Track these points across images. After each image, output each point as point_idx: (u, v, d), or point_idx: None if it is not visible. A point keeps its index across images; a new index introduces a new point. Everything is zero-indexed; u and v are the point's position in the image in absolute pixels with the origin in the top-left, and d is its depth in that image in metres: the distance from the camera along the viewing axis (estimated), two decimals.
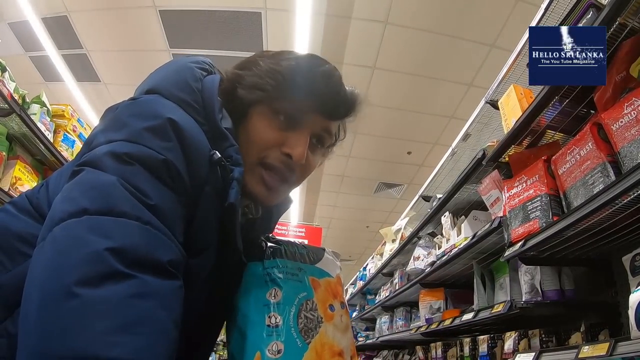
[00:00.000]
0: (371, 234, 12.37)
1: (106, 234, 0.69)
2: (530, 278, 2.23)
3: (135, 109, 0.87)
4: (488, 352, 2.88)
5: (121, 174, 0.76)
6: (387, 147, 7.96)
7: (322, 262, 1.09)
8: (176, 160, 0.82)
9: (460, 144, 3.69)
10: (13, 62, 3.46)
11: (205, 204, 0.88)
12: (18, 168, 2.95)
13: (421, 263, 3.82)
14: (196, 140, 0.87)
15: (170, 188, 0.81)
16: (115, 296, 0.64)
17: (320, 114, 1.02)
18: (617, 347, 1.40)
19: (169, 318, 0.70)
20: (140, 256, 0.70)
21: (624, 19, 1.61)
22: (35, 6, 5.59)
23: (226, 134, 0.94)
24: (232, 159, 0.92)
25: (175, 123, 0.85)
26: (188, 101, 0.93)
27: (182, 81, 0.96)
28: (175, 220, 0.80)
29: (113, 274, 0.66)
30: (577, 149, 1.77)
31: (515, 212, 2.09)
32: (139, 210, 0.74)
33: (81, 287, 0.63)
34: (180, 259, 0.78)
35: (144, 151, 0.80)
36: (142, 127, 0.83)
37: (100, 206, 0.72)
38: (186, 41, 6.09)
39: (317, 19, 5.36)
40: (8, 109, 2.73)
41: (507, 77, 2.73)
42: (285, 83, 0.99)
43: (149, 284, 0.69)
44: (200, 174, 0.87)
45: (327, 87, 1.02)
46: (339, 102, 1.04)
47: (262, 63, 1.02)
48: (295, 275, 1.01)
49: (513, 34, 4.76)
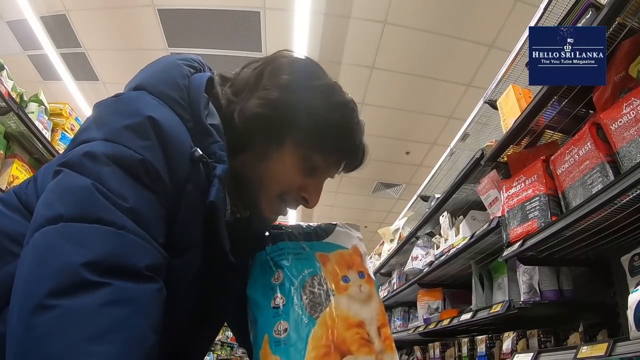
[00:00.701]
0: (369, 233, 12.35)
1: (80, 242, 0.69)
2: (528, 278, 2.23)
3: (117, 107, 0.87)
4: (486, 352, 2.87)
5: (97, 176, 0.75)
6: (386, 147, 7.95)
7: (332, 236, 1.08)
8: (155, 159, 0.81)
9: (459, 144, 3.68)
10: (11, 61, 3.45)
11: (187, 203, 0.86)
12: (15, 167, 2.94)
13: (419, 263, 3.82)
14: (177, 138, 0.86)
15: (148, 188, 0.80)
16: (88, 305, 0.64)
17: (340, 167, 1.09)
18: (615, 347, 1.40)
19: (145, 324, 0.70)
20: (115, 264, 0.69)
21: (623, 18, 1.61)
22: (34, 5, 5.58)
23: (210, 131, 0.92)
24: (216, 155, 0.90)
25: (155, 121, 0.83)
26: (174, 98, 0.92)
27: (169, 78, 0.95)
28: (153, 221, 0.79)
29: (86, 284, 0.66)
30: (576, 149, 1.77)
31: (514, 212, 2.09)
32: (114, 215, 0.73)
33: (55, 298, 0.63)
34: (159, 262, 0.77)
35: (121, 151, 0.79)
36: (122, 126, 0.82)
37: (75, 212, 0.71)
38: (185, 40, 6.08)
39: (316, 19, 5.36)
40: (6, 108, 2.72)
41: (505, 77, 2.73)
42: (334, 142, 1.02)
43: (123, 291, 0.68)
44: (181, 173, 0.85)
45: (357, 148, 1.07)
46: (361, 160, 1.10)
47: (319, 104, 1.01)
48: (299, 254, 1.01)
49: (512, 34, 4.77)
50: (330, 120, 1.00)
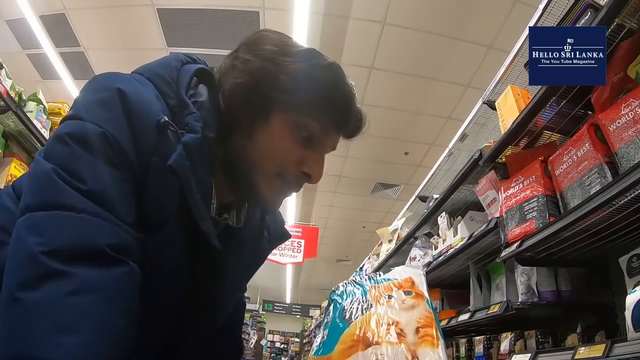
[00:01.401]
0: (368, 234, 12.37)
1: (41, 232, 0.69)
2: (526, 279, 2.23)
3: (92, 84, 0.87)
4: (484, 352, 2.87)
5: (59, 160, 0.75)
6: (384, 148, 7.96)
7: (388, 274, 1.14)
8: (118, 132, 0.80)
9: (457, 144, 3.69)
10: (10, 60, 3.45)
11: (154, 175, 0.83)
12: (14, 165, 2.94)
13: (417, 263, 3.82)
14: (143, 107, 0.84)
15: (111, 164, 0.78)
16: (51, 296, 0.65)
17: (339, 134, 1.02)
18: (613, 348, 1.40)
19: (111, 308, 0.70)
20: (76, 248, 0.70)
21: (622, 19, 1.61)
22: (33, 4, 5.58)
23: (187, 103, 0.90)
24: (189, 125, 0.87)
25: (122, 92, 0.82)
26: (162, 75, 0.92)
27: (164, 61, 0.97)
28: (118, 199, 0.77)
29: (50, 273, 0.66)
30: (574, 150, 1.77)
31: (512, 212, 2.09)
32: (73, 198, 0.73)
33: (22, 291, 0.65)
34: (125, 241, 0.76)
35: (83, 127, 0.78)
36: (91, 100, 0.83)
37: (37, 201, 0.73)
38: (184, 40, 6.09)
39: (314, 19, 5.36)
40: (4, 106, 2.72)
41: (504, 78, 2.73)
42: (321, 101, 0.95)
43: (87, 278, 0.68)
44: (147, 144, 0.83)
45: (351, 109, 1.00)
46: (357, 125, 1.04)
47: (296, 67, 0.95)
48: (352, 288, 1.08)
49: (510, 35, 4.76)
50: (314, 79, 0.95)
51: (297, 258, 9.62)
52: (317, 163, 0.99)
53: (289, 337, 23.00)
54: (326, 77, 0.97)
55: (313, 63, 0.97)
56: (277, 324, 23.10)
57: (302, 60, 0.96)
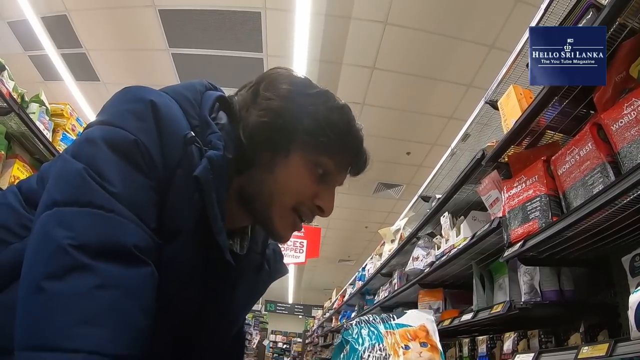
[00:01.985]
0: (370, 234, 12.37)
1: (71, 226, 0.71)
2: (529, 278, 2.23)
3: (123, 95, 0.91)
4: (487, 352, 2.87)
5: (90, 161, 0.78)
6: (386, 148, 7.96)
7: (402, 319, 1.14)
8: (148, 141, 0.83)
9: (460, 144, 3.68)
10: (12, 61, 3.45)
11: (177, 186, 0.86)
12: (17, 167, 2.94)
13: (420, 263, 3.82)
14: (173, 122, 0.88)
15: (140, 171, 0.82)
16: (77, 289, 0.67)
17: (348, 172, 1.09)
18: (616, 347, 1.40)
19: (134, 307, 0.72)
20: (104, 245, 0.72)
21: (624, 19, 1.61)
22: (35, 5, 5.60)
23: (210, 123, 0.94)
24: (212, 143, 0.91)
25: (155, 104, 0.86)
26: (187, 96, 0.96)
27: (189, 84, 1.02)
28: (143, 204, 0.81)
29: (76, 267, 0.68)
30: (577, 150, 1.77)
31: (515, 212, 2.09)
32: (103, 198, 0.75)
33: (48, 281, 0.67)
34: (149, 244, 0.79)
35: (116, 133, 0.82)
36: (124, 109, 0.86)
37: (67, 197, 0.74)
38: (185, 41, 6.09)
39: (316, 19, 5.37)
40: (7, 108, 2.72)
41: (506, 78, 2.72)
42: (337, 142, 1.02)
43: (113, 274, 0.71)
44: (173, 157, 0.87)
45: (360, 150, 1.08)
46: (364, 164, 1.11)
47: (312, 105, 1.02)
48: (367, 331, 1.08)
49: (512, 35, 4.76)
50: (331, 121, 1.01)
51: (300, 258, 9.61)
52: (329, 197, 1.05)
53: (292, 337, 23.02)
54: (342, 119, 1.04)
55: (330, 106, 1.04)
56: (279, 324, 23.11)
57: (320, 103, 1.03)
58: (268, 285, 1.26)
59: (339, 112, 1.04)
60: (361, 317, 1.17)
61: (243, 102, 1.05)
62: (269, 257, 1.23)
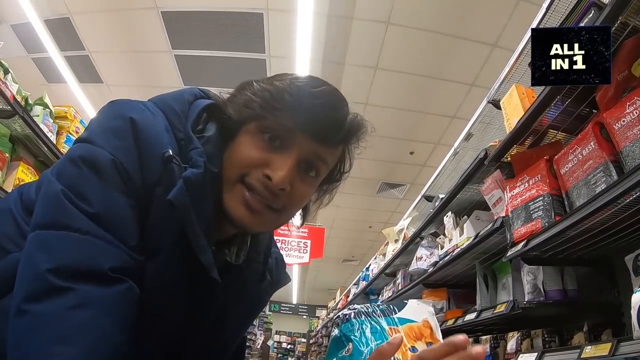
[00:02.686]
0: (374, 234, 12.37)
1: (47, 250, 0.74)
2: (532, 278, 2.23)
3: (106, 111, 0.91)
4: (490, 352, 2.87)
5: (69, 182, 0.80)
6: (390, 147, 7.95)
7: (402, 312, 1.07)
8: (126, 160, 0.83)
9: (463, 143, 3.68)
10: (15, 64, 3.47)
11: (157, 204, 0.86)
12: (21, 169, 2.96)
13: (424, 263, 3.82)
14: (152, 139, 0.87)
15: (118, 190, 0.82)
16: (53, 310, 0.69)
17: (309, 137, 0.94)
18: (619, 347, 1.40)
19: (110, 323, 0.73)
20: (79, 267, 0.73)
21: (626, 18, 1.61)
22: (38, 8, 5.62)
23: (192, 137, 0.92)
24: (192, 160, 0.89)
25: (134, 122, 0.86)
26: (174, 108, 0.96)
27: (178, 94, 1.01)
28: (122, 223, 0.81)
29: (53, 289, 0.71)
30: (579, 149, 1.77)
31: (518, 212, 2.09)
32: (79, 220, 0.77)
33: (28, 304, 0.70)
34: (127, 264, 0.79)
35: (95, 153, 0.82)
36: (106, 127, 0.86)
37: (46, 220, 0.77)
38: (188, 42, 6.10)
39: (319, 20, 5.37)
40: (11, 111, 2.74)
41: (509, 77, 2.73)
42: (272, 100, 0.94)
43: (89, 294, 0.72)
44: (153, 174, 0.86)
45: (317, 108, 0.94)
46: (331, 125, 0.96)
47: (256, 84, 0.99)
48: (369, 328, 1.01)
49: (515, 34, 4.75)
50: (262, 87, 0.97)
51: (304, 259, 9.62)
52: (280, 165, 0.92)
53: (296, 338, 23.02)
54: (284, 82, 0.97)
55: (277, 77, 1.00)
56: (283, 324, 23.13)
57: (268, 78, 1.01)
58: (270, 296, 1.22)
59: (279, 80, 0.98)
60: (358, 306, 1.09)
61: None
62: (271, 266, 1.18)
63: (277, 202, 0.95)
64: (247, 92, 0.99)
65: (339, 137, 0.98)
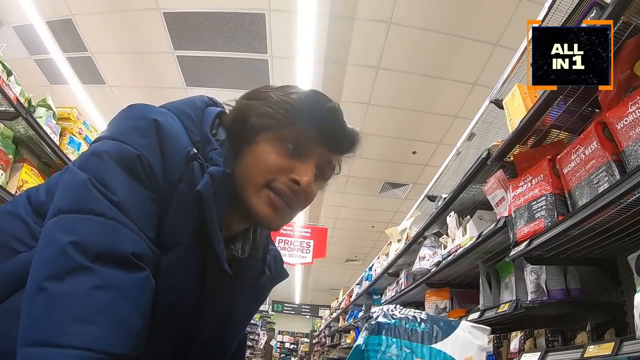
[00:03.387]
0: (377, 234, 12.36)
1: (73, 231, 0.76)
2: (535, 277, 2.23)
3: (128, 112, 0.96)
4: (494, 351, 2.87)
5: (95, 172, 0.83)
6: (392, 147, 7.95)
7: (446, 340, 0.94)
8: (151, 157, 0.88)
9: (465, 143, 3.68)
10: (18, 66, 3.48)
11: (178, 200, 0.91)
12: (25, 171, 2.97)
13: (427, 263, 3.82)
14: (175, 139, 0.93)
15: (141, 183, 0.86)
16: (77, 289, 0.71)
17: (325, 147, 1.08)
18: (622, 346, 1.40)
19: (130, 308, 0.75)
20: (103, 249, 0.76)
21: (628, 17, 1.61)
22: (40, 10, 5.63)
23: (210, 139, 1.00)
24: (213, 160, 0.97)
25: (159, 122, 0.92)
26: (188, 113, 1.02)
27: (190, 100, 1.08)
28: (143, 214, 0.85)
29: (76, 268, 0.72)
30: (582, 148, 1.77)
31: (521, 211, 2.09)
32: (105, 206, 0.80)
33: (49, 282, 0.71)
34: (146, 252, 0.82)
35: (121, 148, 0.87)
36: (129, 126, 0.92)
37: (71, 205, 0.80)
38: (190, 43, 6.11)
39: (321, 20, 5.37)
40: (14, 113, 2.75)
41: (511, 76, 2.73)
42: (294, 113, 1.05)
43: (111, 276, 0.74)
44: (175, 173, 0.91)
45: (332, 122, 1.07)
46: (342, 137, 1.10)
47: (273, 95, 1.08)
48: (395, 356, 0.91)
49: (517, 33, 4.76)
50: (284, 100, 1.06)
51: (306, 258, 9.63)
52: (305, 171, 1.05)
53: (299, 338, 23.05)
54: (301, 96, 1.08)
55: (286, 92, 1.10)
56: (286, 324, 23.15)
57: (283, 90, 1.10)
58: (269, 291, 1.29)
59: (294, 94, 1.08)
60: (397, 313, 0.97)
61: None
62: (270, 262, 1.26)
63: (297, 201, 1.07)
64: (265, 102, 1.07)
65: (346, 147, 1.12)
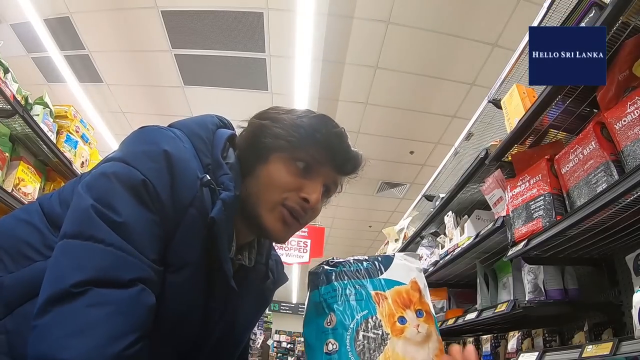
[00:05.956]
0: (374, 233, 12.37)
1: (73, 258, 0.82)
2: (533, 277, 2.23)
3: (140, 136, 1.01)
4: (491, 351, 2.88)
5: (101, 193, 0.88)
6: (390, 147, 7.95)
7: (389, 272, 1.02)
8: (157, 181, 0.92)
9: (463, 143, 3.68)
10: (15, 63, 3.46)
11: (187, 224, 0.95)
12: (21, 169, 2.95)
13: (424, 263, 3.82)
14: (185, 166, 0.98)
15: (145, 206, 0.90)
16: (72, 308, 0.77)
17: (332, 168, 1.16)
18: (620, 346, 1.40)
19: (125, 321, 0.80)
20: (99, 276, 0.81)
21: (627, 17, 1.61)
22: (37, 7, 5.61)
23: (222, 164, 1.06)
24: (224, 184, 1.02)
25: (168, 152, 0.96)
26: (200, 135, 1.08)
27: (201, 121, 1.14)
28: (145, 236, 0.89)
29: (74, 293, 0.78)
30: (580, 148, 1.77)
31: (519, 211, 2.09)
32: (105, 232, 0.84)
33: (50, 304, 0.77)
34: (146, 275, 0.87)
35: (128, 171, 0.91)
36: (139, 150, 0.96)
37: (73, 230, 0.85)
38: (188, 42, 6.09)
39: (319, 19, 5.36)
40: (11, 110, 2.74)
41: (509, 76, 2.73)
42: (306, 137, 1.11)
43: (105, 295, 0.80)
44: (185, 197, 0.96)
45: (339, 145, 1.15)
46: (348, 160, 1.18)
47: (286, 117, 1.15)
48: (353, 295, 0.97)
49: (515, 33, 4.75)
50: (296, 123, 1.13)
51: (304, 258, 9.62)
52: (313, 189, 1.12)
53: (296, 337, 23.01)
54: (312, 120, 1.14)
55: (298, 115, 1.17)
56: (283, 323, 23.11)
57: (294, 113, 1.18)
58: (273, 294, 1.35)
59: (306, 118, 1.15)
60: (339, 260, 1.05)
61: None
62: (272, 266, 1.33)
63: (305, 217, 1.14)
64: (279, 124, 1.14)
65: (351, 169, 1.21)
